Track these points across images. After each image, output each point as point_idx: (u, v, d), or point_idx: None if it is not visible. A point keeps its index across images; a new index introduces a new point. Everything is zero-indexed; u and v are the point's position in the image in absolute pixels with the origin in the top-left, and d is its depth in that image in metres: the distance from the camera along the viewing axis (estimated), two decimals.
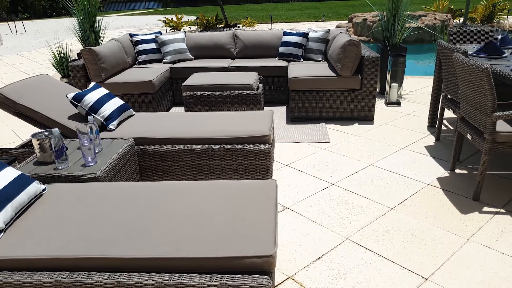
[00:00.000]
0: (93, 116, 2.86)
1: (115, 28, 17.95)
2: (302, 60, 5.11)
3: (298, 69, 4.42)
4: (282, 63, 4.95)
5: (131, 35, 5.38)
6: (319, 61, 5.01)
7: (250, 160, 2.79)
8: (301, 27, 15.03)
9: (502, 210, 2.60)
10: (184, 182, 2.03)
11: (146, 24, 19.06)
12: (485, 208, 2.63)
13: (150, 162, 2.84)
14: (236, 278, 1.44)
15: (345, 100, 4.27)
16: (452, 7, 12.74)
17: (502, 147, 2.58)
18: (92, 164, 2.31)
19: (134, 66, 5.20)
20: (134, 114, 3.22)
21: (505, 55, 3.21)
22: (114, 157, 2.40)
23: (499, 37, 3.51)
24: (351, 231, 2.44)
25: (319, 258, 2.21)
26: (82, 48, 4.97)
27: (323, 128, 4.15)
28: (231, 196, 1.87)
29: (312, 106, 4.32)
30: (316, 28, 6.63)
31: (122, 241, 1.58)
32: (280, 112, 4.75)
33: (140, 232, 1.63)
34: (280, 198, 2.86)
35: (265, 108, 4.89)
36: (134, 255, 1.51)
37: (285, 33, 5.24)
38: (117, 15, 27.25)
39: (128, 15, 26.80)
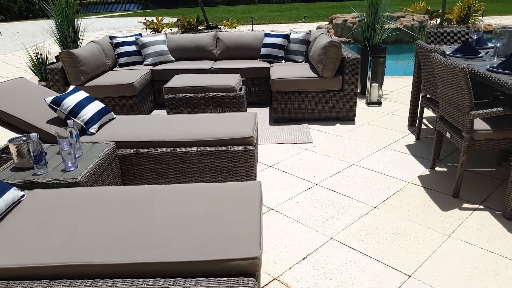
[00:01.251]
0: (73, 120, 2.81)
1: (94, 30, 17.68)
2: (283, 61, 5.14)
3: (280, 71, 4.44)
4: (264, 65, 4.97)
5: (111, 37, 5.31)
6: (301, 62, 5.04)
7: (234, 162, 2.79)
8: (282, 28, 15.10)
9: (481, 206, 2.67)
10: (167, 185, 2.01)
11: (126, 26, 18.84)
12: (465, 205, 2.69)
13: (132, 165, 2.81)
14: (222, 281, 1.44)
15: (327, 101, 4.31)
16: (429, 8, 13.01)
17: (479, 145, 2.65)
18: (72, 169, 2.27)
19: (114, 69, 5.13)
20: (115, 118, 3.18)
21: (480, 55, 3.29)
22: (95, 162, 2.36)
23: (475, 37, 3.60)
24: (335, 230, 2.46)
25: (304, 258, 2.22)
26: (61, 50, 4.88)
27: (306, 128, 4.18)
28: (215, 199, 1.86)
29: (295, 107, 4.34)
30: (297, 30, 6.67)
31: (104, 247, 1.56)
32: (263, 113, 4.76)
33: (122, 238, 1.61)
34: (264, 199, 2.86)
35: (248, 110, 4.89)
36: (117, 261, 1.48)
37: (267, 35, 5.26)
38: (96, 17, 26.85)
39: (108, 17, 26.43)
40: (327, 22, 13.32)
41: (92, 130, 2.85)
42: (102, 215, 1.77)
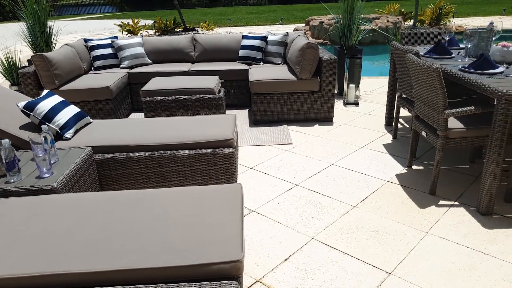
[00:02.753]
0: (48, 125, 2.73)
1: (68, 33, 17.30)
2: (262, 63, 5.15)
3: (258, 72, 4.44)
4: (243, 67, 4.97)
5: (86, 40, 5.20)
6: (279, 64, 5.07)
7: (214, 165, 2.77)
8: (260, 30, 15.15)
9: (456, 203, 2.74)
10: (146, 190, 1.98)
11: (101, 29, 18.50)
12: (441, 202, 2.76)
13: (110, 171, 2.75)
14: (204, 286, 1.42)
15: (305, 102, 4.34)
16: (402, 10, 13.30)
17: (454, 143, 2.72)
18: (47, 175, 2.21)
19: (90, 72, 5.02)
20: (92, 122, 3.11)
21: (453, 55, 3.38)
22: (71, 167, 2.30)
23: (447, 38, 3.70)
24: (316, 230, 2.48)
25: (286, 260, 2.22)
26: (33, 54, 4.74)
27: (285, 130, 4.20)
28: (195, 203, 1.84)
29: (274, 108, 4.35)
30: (274, 32, 6.70)
31: (82, 254, 1.52)
32: (242, 115, 4.76)
33: (101, 245, 1.57)
34: (245, 201, 2.86)
35: (228, 112, 4.88)
36: (96, 269, 1.45)
37: (244, 37, 5.26)
38: (70, 20, 26.28)
39: (82, 20, 25.91)
40: (304, 24, 13.44)
41: (67, 135, 2.78)
42: (79, 222, 1.73)
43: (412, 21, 12.99)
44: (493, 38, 3.29)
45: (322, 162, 3.44)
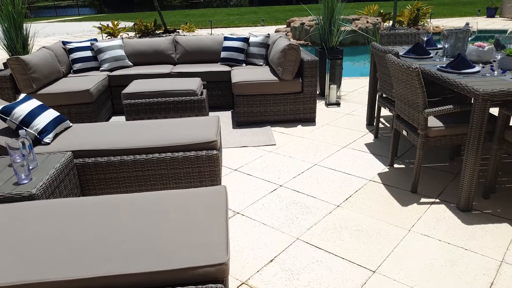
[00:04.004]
0: (25, 130, 2.67)
1: (46, 35, 16.95)
2: (244, 64, 5.15)
3: (241, 74, 4.44)
4: (225, 68, 4.96)
5: (64, 43, 5.11)
6: (261, 65, 5.08)
7: (198, 167, 2.76)
8: (241, 32, 15.15)
9: (437, 200, 2.79)
10: (129, 194, 1.96)
11: (80, 31, 18.19)
12: (422, 199, 2.81)
13: (91, 175, 2.71)
14: None
15: (288, 103, 4.36)
16: (381, 11, 13.51)
17: (433, 141, 2.77)
18: (26, 181, 2.15)
19: (69, 75, 4.93)
20: (72, 126, 3.05)
21: (431, 55, 3.45)
22: (51, 173, 2.25)
23: (425, 38, 3.77)
24: (300, 231, 2.49)
25: (271, 261, 2.22)
26: (9, 57, 4.62)
27: (269, 131, 4.21)
28: (179, 206, 1.83)
29: (257, 110, 4.36)
30: (256, 33, 6.71)
31: (65, 262, 1.49)
32: (225, 117, 4.74)
33: (84, 251, 1.54)
34: (230, 203, 2.85)
35: (211, 114, 4.86)
36: (79, 276, 1.42)
37: (226, 38, 5.25)
38: (47, 22, 25.74)
39: (60, 22, 25.42)
40: (285, 25, 13.51)
41: (46, 139, 2.72)
42: (60, 228, 1.69)
43: (391, 22, 13.22)
44: (469, 39, 3.37)
45: (306, 163, 3.46)
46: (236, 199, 2.90)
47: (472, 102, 2.55)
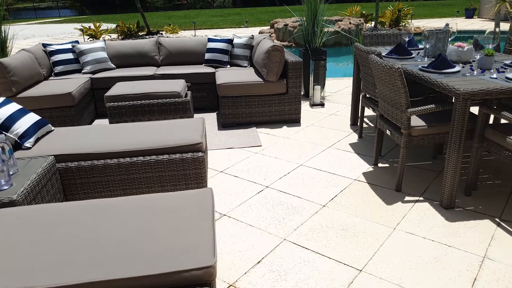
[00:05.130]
0: (5, 135, 2.60)
1: (25, 37, 16.61)
2: (228, 66, 5.14)
3: (225, 75, 4.43)
4: (209, 70, 4.94)
5: (45, 45, 5.01)
6: (245, 66, 5.08)
7: (183, 170, 2.74)
8: (225, 33, 15.14)
9: (421, 198, 2.83)
10: (113, 198, 1.93)
11: (61, 33, 17.89)
12: (407, 198, 2.85)
13: (75, 180, 2.66)
14: None
15: (272, 104, 4.37)
16: (364, 12, 13.67)
17: (417, 140, 2.82)
18: (6, 187, 2.10)
19: (50, 78, 4.84)
20: (53, 130, 3.00)
21: (413, 55, 3.51)
22: (32, 178, 2.20)
23: (407, 39, 3.83)
24: (287, 231, 2.50)
25: (259, 262, 2.22)
26: None
27: (254, 132, 4.21)
28: (165, 209, 1.81)
29: (242, 111, 4.35)
30: (240, 34, 6.72)
31: (48, 268, 1.45)
32: (211, 118, 4.73)
33: (68, 257, 1.51)
34: (216, 205, 2.84)
35: (196, 115, 4.84)
36: (64, 283, 1.39)
37: (210, 40, 5.24)
38: (26, 24, 25.23)
39: (40, 24, 24.95)
40: (269, 27, 13.55)
41: (27, 144, 2.66)
42: (43, 235, 1.66)
43: (373, 23, 13.38)
44: (449, 39, 3.44)
45: (291, 163, 3.47)
46: (223, 201, 2.89)
47: (453, 101, 2.60)
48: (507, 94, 2.43)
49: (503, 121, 3.76)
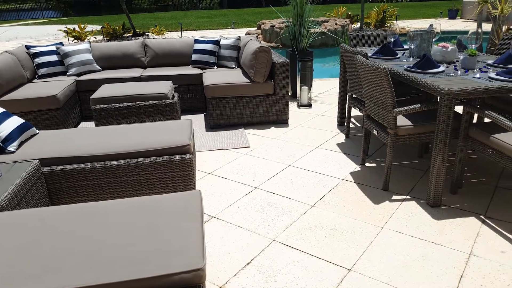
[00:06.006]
0: None
1: (8, 39, 16.32)
2: (215, 67, 5.13)
3: (213, 77, 4.42)
4: (196, 71, 4.92)
5: (28, 47, 4.93)
6: (233, 68, 5.07)
7: (171, 172, 2.72)
8: (212, 34, 15.10)
9: (408, 197, 2.87)
10: (100, 202, 1.90)
11: (44, 35, 17.63)
12: (394, 197, 2.87)
13: (60, 183, 2.62)
14: None
15: (260, 105, 4.38)
16: (349, 13, 13.79)
17: (403, 140, 2.85)
18: None
19: (34, 81, 4.76)
20: (38, 133, 2.95)
21: (398, 56, 3.55)
22: (16, 182, 2.16)
23: (392, 40, 3.87)
24: (276, 232, 2.50)
25: (248, 264, 2.22)
26: None
27: (243, 133, 4.21)
28: (153, 212, 1.79)
29: (230, 112, 4.35)
30: (226, 36, 6.71)
31: (34, 275, 1.43)
32: (198, 120, 4.71)
33: (54, 263, 1.49)
34: (205, 207, 2.82)
35: (183, 117, 4.81)
36: None
37: (197, 41, 5.22)
38: (8, 25, 24.78)
39: (22, 25, 24.53)
40: (256, 28, 13.57)
41: (11, 148, 2.61)
42: (28, 240, 1.63)
43: (358, 24, 13.51)
44: (433, 39, 3.49)
45: (280, 164, 3.48)
46: (211, 203, 2.88)
47: (438, 100, 2.64)
48: (490, 93, 2.48)
49: (486, 120, 3.83)
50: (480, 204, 2.73)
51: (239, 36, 5.21)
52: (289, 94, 5.64)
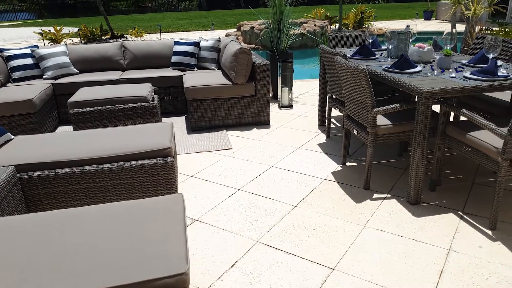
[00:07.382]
0: None
1: None
2: (196, 69, 5.10)
3: (193, 78, 4.39)
4: (176, 73, 4.88)
5: (1, 50, 4.79)
6: (213, 69, 5.05)
7: (152, 176, 2.68)
8: (191, 36, 15.02)
9: (389, 195, 2.91)
10: (79, 208, 1.86)
11: (18, 37, 17.18)
12: (375, 195, 2.91)
13: (38, 190, 2.55)
14: None
15: (242, 107, 4.37)
16: (328, 15, 13.95)
17: (383, 139, 2.89)
18: None
19: (7, 85, 4.63)
20: (13, 138, 2.86)
21: (376, 56, 3.60)
22: None
23: (370, 40, 3.93)
24: (260, 233, 2.50)
25: (232, 266, 2.21)
26: None
27: (224, 135, 4.19)
28: (134, 217, 1.76)
29: (211, 114, 4.33)
30: (206, 37, 6.69)
31: (10, 285, 1.38)
32: (179, 122, 4.67)
33: (31, 273, 1.44)
34: (188, 211, 2.80)
35: (163, 120, 4.76)
36: None
37: (176, 43, 5.18)
38: None
39: None
40: (235, 29, 13.56)
41: None
42: (4, 249, 1.58)
43: (337, 25, 13.66)
44: (410, 40, 3.55)
45: (262, 165, 3.48)
46: (194, 206, 2.86)
47: (416, 100, 2.69)
48: (465, 92, 2.54)
49: (462, 118, 3.92)
50: (458, 201, 2.80)
51: (219, 38, 5.20)
52: (270, 96, 5.65)
